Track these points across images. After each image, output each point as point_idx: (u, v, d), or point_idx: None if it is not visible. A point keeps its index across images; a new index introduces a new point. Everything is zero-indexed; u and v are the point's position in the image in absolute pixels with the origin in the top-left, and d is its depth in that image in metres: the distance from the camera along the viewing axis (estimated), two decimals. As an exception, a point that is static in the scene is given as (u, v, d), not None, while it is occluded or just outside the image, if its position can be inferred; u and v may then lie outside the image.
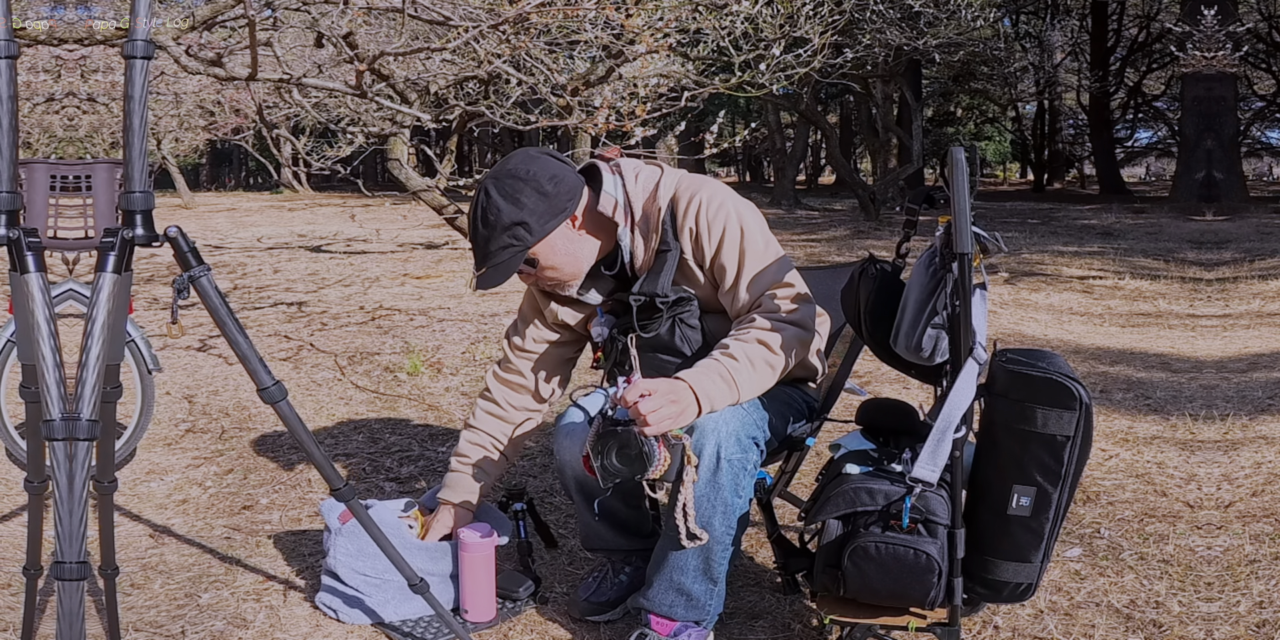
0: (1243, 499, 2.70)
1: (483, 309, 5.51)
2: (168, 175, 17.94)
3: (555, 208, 1.89)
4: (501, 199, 1.86)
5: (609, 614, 2.12)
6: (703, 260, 1.93)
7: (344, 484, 1.76)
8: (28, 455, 1.66)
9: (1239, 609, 2.08)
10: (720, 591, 1.90)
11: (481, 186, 1.89)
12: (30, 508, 1.70)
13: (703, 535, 1.77)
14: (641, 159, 2.06)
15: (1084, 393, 1.59)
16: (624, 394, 1.71)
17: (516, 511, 2.34)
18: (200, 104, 12.20)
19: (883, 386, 3.86)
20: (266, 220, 13.27)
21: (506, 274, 1.90)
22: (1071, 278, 7.17)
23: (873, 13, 9.77)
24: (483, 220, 1.87)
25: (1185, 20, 12.35)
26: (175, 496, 2.91)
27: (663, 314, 1.93)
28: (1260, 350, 4.50)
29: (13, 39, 1.44)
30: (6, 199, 1.45)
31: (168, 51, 3.65)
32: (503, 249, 1.88)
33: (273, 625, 2.11)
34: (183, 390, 4.05)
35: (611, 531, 2.15)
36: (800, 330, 1.89)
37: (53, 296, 1.78)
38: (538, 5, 3.74)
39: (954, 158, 1.57)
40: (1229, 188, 13.52)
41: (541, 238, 1.89)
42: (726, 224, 1.90)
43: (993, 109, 27.95)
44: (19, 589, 2.19)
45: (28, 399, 1.56)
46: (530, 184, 1.87)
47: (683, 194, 1.94)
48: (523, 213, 1.85)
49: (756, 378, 1.83)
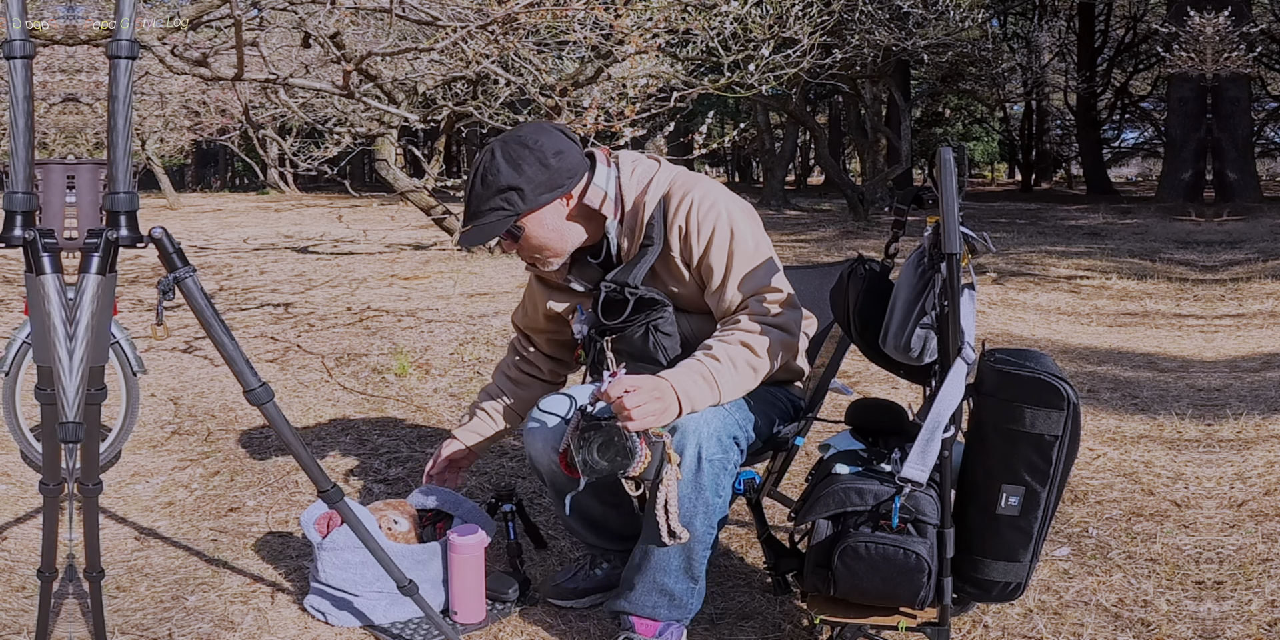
0: (1255, 498, 2.70)
1: (471, 310, 5.50)
2: (152, 176, 17.83)
3: (553, 182, 1.90)
4: (504, 161, 1.87)
5: (574, 601, 2.17)
6: (690, 259, 1.93)
7: (331, 486, 1.75)
8: (43, 458, 1.65)
9: (1251, 608, 2.09)
10: (700, 590, 1.92)
11: (489, 147, 1.91)
12: (45, 510, 1.68)
13: (683, 534, 1.79)
14: (643, 153, 2.07)
15: (1072, 392, 1.60)
16: (608, 389, 1.72)
17: (506, 513, 2.34)
18: (185, 104, 12.13)
19: (872, 386, 3.86)
20: (253, 221, 13.21)
21: (489, 236, 1.91)
22: (1059, 278, 7.20)
23: (861, 13, 9.80)
24: (481, 179, 1.89)
25: (1171, 21, 12.42)
26: (161, 499, 2.89)
27: (635, 315, 1.94)
28: (1273, 350, 4.51)
29: (28, 39, 1.43)
30: (22, 200, 1.45)
31: (153, 51, 3.63)
32: (492, 210, 1.89)
33: (260, 628, 2.09)
34: (168, 392, 4.03)
35: (583, 526, 2.18)
36: (784, 334, 1.89)
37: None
38: (526, 5, 3.74)
39: (942, 158, 1.58)
40: (1243, 188, 13.58)
41: (533, 208, 1.90)
42: (717, 224, 1.90)
43: (981, 109, 28.04)
44: (32, 591, 2.18)
45: (43, 401, 1.55)
46: (535, 153, 1.88)
47: (675, 191, 1.94)
48: (520, 179, 1.87)
49: (738, 379, 1.84)
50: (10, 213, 1.46)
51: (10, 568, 2.36)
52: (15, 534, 2.59)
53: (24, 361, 2.92)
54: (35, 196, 1.48)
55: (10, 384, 2.94)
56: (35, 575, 1.75)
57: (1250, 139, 14.89)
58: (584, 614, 2.16)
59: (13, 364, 2.93)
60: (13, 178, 1.45)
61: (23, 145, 1.43)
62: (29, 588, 2.24)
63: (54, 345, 1.45)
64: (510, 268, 7.26)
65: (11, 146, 1.44)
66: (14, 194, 1.46)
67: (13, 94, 1.42)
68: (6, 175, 1.47)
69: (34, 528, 2.60)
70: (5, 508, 2.77)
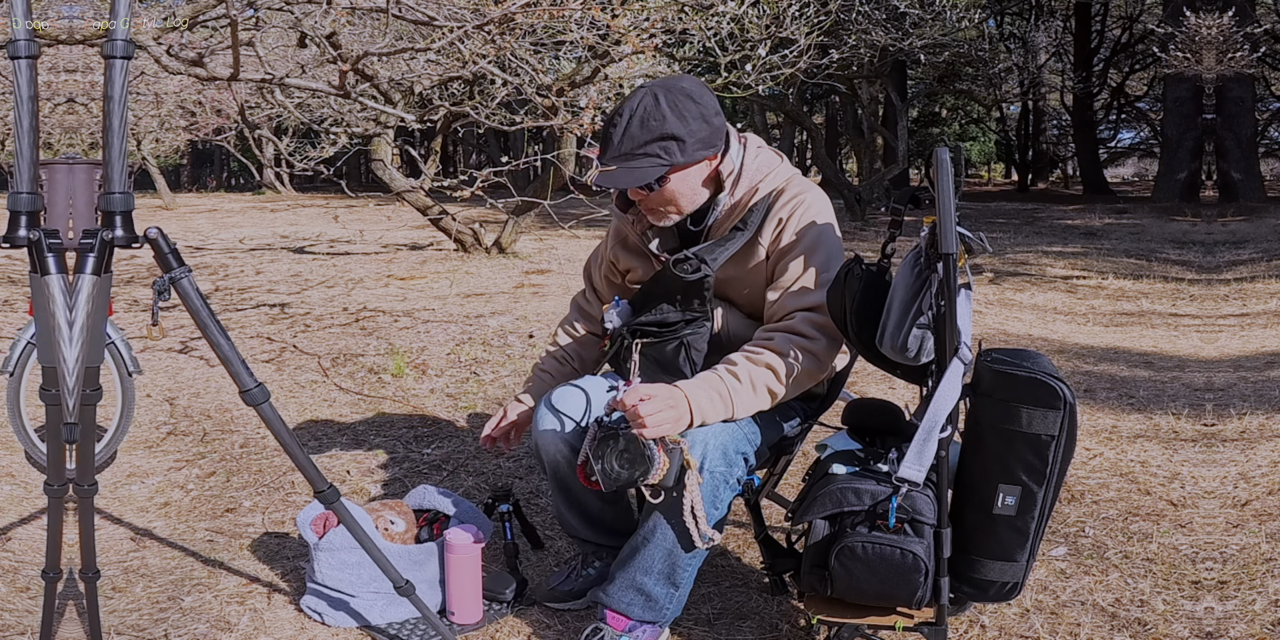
0: (1259, 497, 2.70)
1: (467, 310, 5.49)
2: (148, 176, 17.79)
3: (711, 140, 1.88)
4: (669, 109, 1.83)
5: (569, 603, 2.17)
6: (774, 250, 1.93)
7: (328, 486, 1.75)
8: (48, 459, 1.64)
9: (1255, 607, 2.09)
10: (681, 596, 1.91)
11: (647, 91, 1.86)
12: (50, 511, 1.68)
13: (716, 536, 1.79)
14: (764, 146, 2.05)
15: (1068, 392, 1.60)
16: (623, 397, 1.73)
17: (503, 513, 2.34)
18: (181, 104, 12.10)
19: (868, 387, 3.86)
20: (249, 221, 13.18)
21: (638, 181, 1.86)
22: (1055, 277, 7.21)
23: (858, 13, 9.80)
24: (641, 122, 1.83)
25: (1168, 22, 12.43)
26: (157, 499, 2.88)
27: (675, 326, 1.94)
28: (1277, 349, 4.51)
29: (33, 39, 1.43)
30: (26, 200, 1.44)
31: (148, 51, 3.62)
32: (647, 156, 1.84)
33: (257, 628, 2.09)
34: (164, 393, 4.02)
35: (579, 521, 2.19)
36: (813, 362, 1.87)
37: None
38: (523, 5, 3.73)
39: (939, 158, 1.58)
40: (1247, 188, 13.59)
41: (689, 162, 1.87)
42: (811, 230, 1.91)
43: (977, 109, 28.06)
44: (37, 592, 2.18)
45: (48, 402, 1.54)
46: (701, 108, 1.86)
47: (790, 188, 1.95)
48: (684, 129, 1.84)
49: (754, 401, 1.84)
50: (15, 213, 1.46)
51: (15, 568, 2.36)
52: (20, 535, 2.58)
53: (29, 362, 2.92)
54: (40, 197, 1.47)
55: (15, 385, 2.94)
56: (40, 576, 1.74)
57: (1254, 139, 14.91)
58: (580, 614, 2.16)
59: (17, 364, 2.92)
60: (17, 178, 1.45)
61: (27, 145, 1.42)
62: (33, 589, 2.24)
63: (59, 346, 1.44)
64: (506, 268, 7.26)
65: (16, 147, 1.44)
66: (19, 194, 1.45)
67: (17, 94, 1.42)
68: (11, 176, 1.47)
69: (38, 528, 2.59)
70: (10, 508, 2.77)
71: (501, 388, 3.99)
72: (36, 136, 1.45)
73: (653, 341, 1.96)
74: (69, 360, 1.45)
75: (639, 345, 1.97)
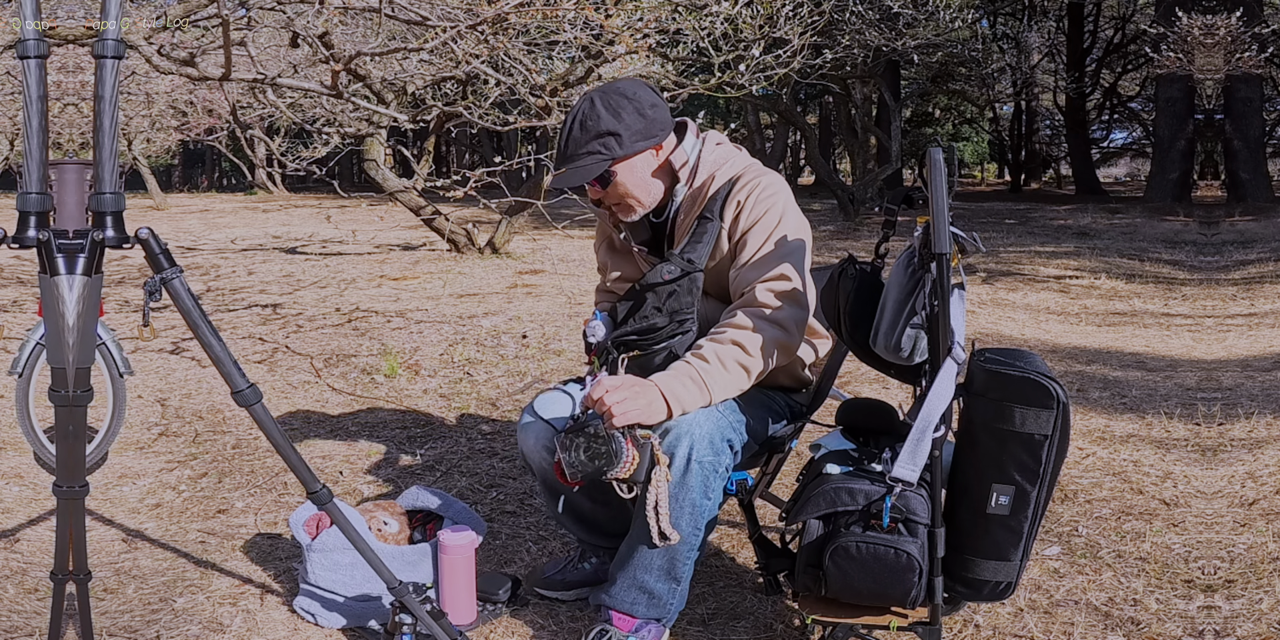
0: (1266, 497, 2.71)
1: (460, 311, 5.48)
2: (139, 176, 17.71)
3: (649, 131, 1.96)
4: (604, 109, 1.92)
5: (560, 593, 2.20)
6: (735, 232, 1.98)
7: (320, 487, 1.74)
8: (56, 460, 1.64)
9: (1261, 607, 2.09)
10: (683, 591, 1.93)
11: (587, 97, 1.96)
12: (59, 512, 1.67)
13: (674, 535, 1.81)
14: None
15: (1061, 392, 1.60)
16: (589, 391, 1.75)
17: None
18: (172, 104, 12.06)
19: (862, 386, 3.87)
20: (240, 221, 13.14)
21: (585, 177, 1.95)
22: (1048, 277, 7.22)
23: (852, 14, 9.81)
24: (580, 124, 1.93)
25: (1160, 22, 12.46)
26: (148, 500, 2.87)
27: (660, 333, 1.95)
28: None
29: (42, 39, 1.42)
30: (36, 200, 1.44)
31: (139, 51, 3.60)
32: (589, 154, 1.93)
33: (250, 629, 2.08)
34: (155, 393, 4.00)
35: (573, 523, 2.21)
36: (780, 332, 1.88)
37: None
38: (516, 5, 3.73)
39: (932, 158, 1.58)
40: (1255, 188, 13.62)
41: (629, 154, 1.95)
42: (770, 209, 1.95)
43: (970, 110, 28.12)
44: (45, 594, 2.17)
45: (57, 403, 1.54)
46: (634, 103, 1.94)
47: (747, 174, 2.00)
48: (619, 125, 1.92)
49: (729, 379, 1.84)
50: (24, 213, 1.45)
51: (23, 569, 2.35)
52: (28, 536, 2.57)
53: (37, 363, 2.90)
54: (50, 197, 1.47)
55: (24, 385, 2.92)
56: (49, 577, 1.74)
57: (1262, 139, 14.96)
58: (575, 614, 2.15)
59: (25, 365, 2.91)
60: (27, 178, 1.44)
61: (36, 145, 1.41)
62: (42, 590, 2.23)
63: (68, 346, 1.44)
64: (500, 268, 7.25)
65: (25, 147, 1.43)
66: (28, 194, 1.45)
67: (26, 94, 1.41)
68: (20, 176, 1.46)
69: (47, 530, 2.58)
70: (19, 510, 2.75)
71: (494, 388, 3.99)
72: (46, 136, 1.45)
73: (639, 355, 1.98)
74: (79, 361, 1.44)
75: (625, 360, 1.99)
